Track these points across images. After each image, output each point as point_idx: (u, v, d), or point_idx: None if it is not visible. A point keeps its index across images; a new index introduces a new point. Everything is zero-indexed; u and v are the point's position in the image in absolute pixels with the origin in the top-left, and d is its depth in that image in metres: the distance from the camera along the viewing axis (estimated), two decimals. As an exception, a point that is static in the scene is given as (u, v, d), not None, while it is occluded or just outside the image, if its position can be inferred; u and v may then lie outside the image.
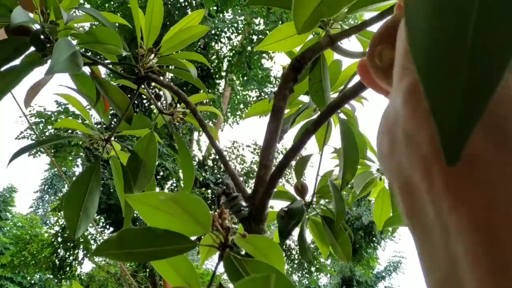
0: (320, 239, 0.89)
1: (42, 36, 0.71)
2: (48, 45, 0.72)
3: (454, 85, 0.14)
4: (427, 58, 0.14)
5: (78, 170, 8.58)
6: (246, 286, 0.39)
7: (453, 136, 0.13)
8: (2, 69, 0.64)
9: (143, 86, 0.83)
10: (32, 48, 0.71)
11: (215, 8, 8.23)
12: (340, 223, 0.80)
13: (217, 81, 8.95)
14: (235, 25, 8.63)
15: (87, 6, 7.43)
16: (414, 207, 0.18)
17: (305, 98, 0.95)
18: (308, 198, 0.91)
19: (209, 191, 8.07)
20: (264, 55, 9.08)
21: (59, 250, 7.60)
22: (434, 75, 0.14)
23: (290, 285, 0.48)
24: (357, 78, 0.85)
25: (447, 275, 0.16)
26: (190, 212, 0.47)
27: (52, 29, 0.71)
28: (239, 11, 8.83)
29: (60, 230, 7.70)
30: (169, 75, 7.75)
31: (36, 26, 0.72)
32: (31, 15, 0.72)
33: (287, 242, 10.94)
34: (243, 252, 0.57)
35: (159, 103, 0.93)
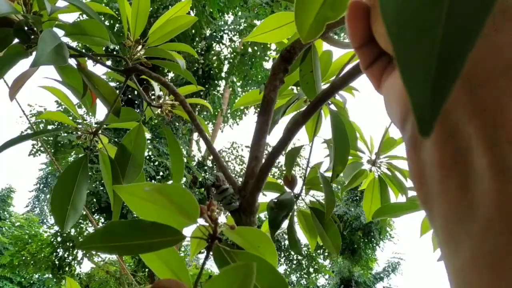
0: (308, 231, 0.88)
1: (26, 28, 0.70)
2: (33, 36, 0.71)
3: (427, 51, 0.13)
4: (398, 20, 0.13)
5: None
6: (229, 275, 0.38)
7: (426, 108, 0.13)
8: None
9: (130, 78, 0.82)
10: (16, 40, 0.70)
11: (216, 10, 8.23)
12: (330, 214, 0.79)
13: (218, 82, 8.96)
14: (238, 27, 8.63)
15: None
16: (456, 155, 0.17)
17: (296, 89, 0.94)
18: (297, 189, 0.90)
19: (208, 191, 8.06)
20: (266, 57, 9.09)
21: (58, 250, 7.61)
22: (405, 39, 0.13)
23: (280, 278, 0.47)
24: (348, 68, 0.84)
25: (494, 218, 0.15)
26: (177, 203, 0.47)
27: (36, 20, 0.70)
28: (239, 13, 8.84)
29: (59, 230, 7.71)
30: (169, 75, 7.78)
31: (19, 17, 0.70)
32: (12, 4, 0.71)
33: (286, 242, 10.94)
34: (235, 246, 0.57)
35: (147, 97, 0.92)
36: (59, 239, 7.62)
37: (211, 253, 0.51)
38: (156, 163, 7.19)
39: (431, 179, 0.19)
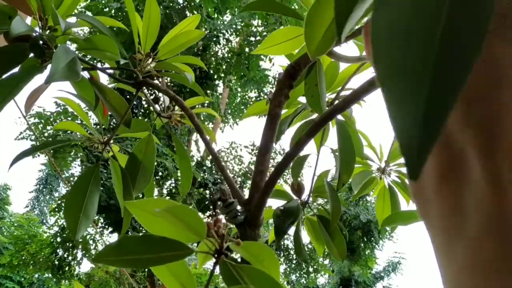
0: (316, 238, 0.91)
1: (41, 42, 0.72)
2: (47, 51, 0.73)
3: (417, 84, 0.13)
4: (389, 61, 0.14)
5: (76, 170, 8.58)
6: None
7: (414, 153, 0.13)
8: (3, 76, 0.65)
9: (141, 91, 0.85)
10: (31, 54, 0.72)
11: (213, 9, 8.23)
12: (335, 223, 0.81)
13: (216, 82, 8.95)
14: (234, 26, 8.63)
15: (88, 13, 7.44)
16: (452, 163, 0.18)
17: (303, 99, 0.96)
18: (304, 197, 0.93)
19: (207, 191, 8.08)
20: (262, 56, 9.08)
21: (58, 250, 7.61)
22: (393, 68, 0.13)
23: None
24: (354, 80, 0.87)
25: (488, 226, 0.16)
26: (185, 222, 0.49)
27: (50, 37, 0.72)
28: (237, 13, 8.84)
29: (59, 231, 7.71)
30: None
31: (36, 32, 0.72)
32: (29, 19, 0.73)
33: (286, 242, 10.95)
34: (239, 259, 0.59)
35: (157, 106, 0.94)
36: (58, 239, 7.62)
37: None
38: (155, 163, 7.19)
39: (427, 185, 0.19)
